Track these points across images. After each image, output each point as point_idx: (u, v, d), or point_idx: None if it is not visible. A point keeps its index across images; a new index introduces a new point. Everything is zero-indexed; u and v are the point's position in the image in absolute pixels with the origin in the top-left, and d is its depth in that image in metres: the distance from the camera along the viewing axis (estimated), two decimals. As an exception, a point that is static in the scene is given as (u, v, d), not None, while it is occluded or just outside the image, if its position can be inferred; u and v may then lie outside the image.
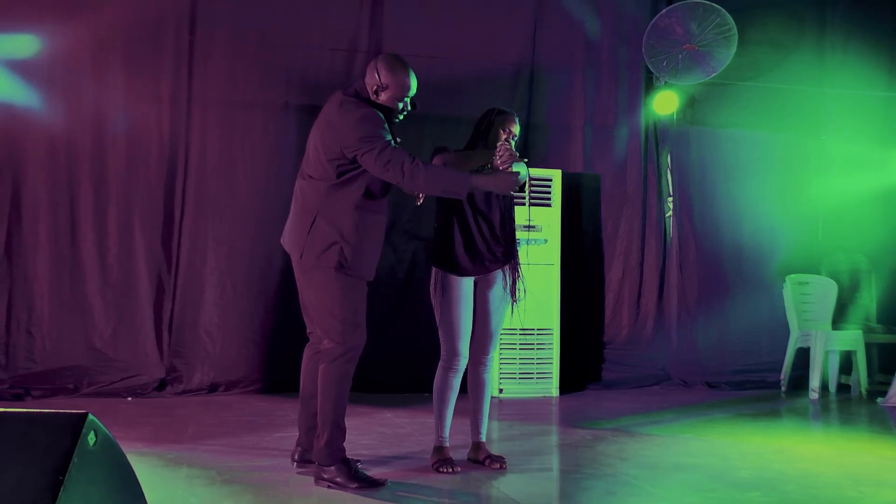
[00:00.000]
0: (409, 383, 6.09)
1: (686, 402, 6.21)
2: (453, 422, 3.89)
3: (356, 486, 3.40)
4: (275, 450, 4.14)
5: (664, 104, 6.97)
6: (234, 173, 6.12)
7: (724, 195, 7.12)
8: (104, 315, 5.83)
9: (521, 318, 4.61)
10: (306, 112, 5.97)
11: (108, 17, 5.80)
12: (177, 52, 6.02)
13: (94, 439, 1.79)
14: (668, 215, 7.04)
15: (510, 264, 3.89)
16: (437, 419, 3.86)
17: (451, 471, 3.74)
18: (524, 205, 6.03)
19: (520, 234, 5.11)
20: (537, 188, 6.28)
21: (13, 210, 5.71)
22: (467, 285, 3.82)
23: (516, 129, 3.89)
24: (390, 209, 6.19)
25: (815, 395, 6.53)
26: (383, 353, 5.99)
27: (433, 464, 3.80)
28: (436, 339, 3.86)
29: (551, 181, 6.35)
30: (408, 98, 3.55)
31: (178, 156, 6.01)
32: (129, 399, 5.67)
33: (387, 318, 6.18)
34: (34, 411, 1.83)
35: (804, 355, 6.75)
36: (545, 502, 3.42)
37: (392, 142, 3.42)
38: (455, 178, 3.47)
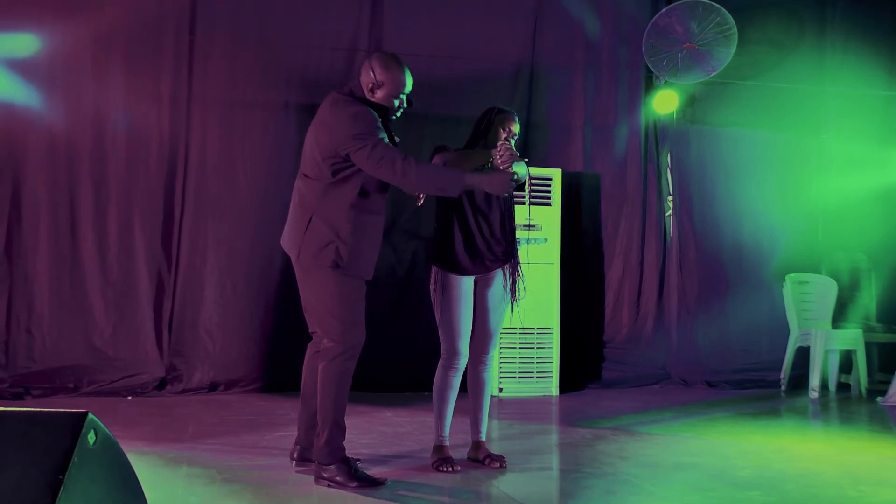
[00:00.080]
0: (409, 382, 6.09)
1: (686, 401, 6.21)
2: (453, 421, 3.89)
3: (356, 485, 3.40)
4: (275, 449, 4.14)
5: (664, 103, 6.98)
6: (234, 173, 6.12)
7: (724, 194, 7.13)
8: (104, 314, 5.83)
9: (521, 318, 4.62)
10: (306, 112, 5.96)
11: (109, 17, 5.80)
12: (177, 52, 6.03)
13: (94, 438, 1.79)
14: (668, 214, 7.04)
15: (510, 263, 3.88)
16: (436, 418, 3.86)
17: (450, 470, 3.74)
18: (524, 204, 6.04)
19: (520, 234, 5.11)
20: (537, 187, 6.28)
21: (13, 209, 5.71)
22: (467, 284, 3.82)
23: (516, 128, 3.89)
24: (390, 209, 6.22)
25: (814, 394, 6.53)
26: (383, 353, 6.00)
27: (433, 463, 3.80)
28: (436, 338, 3.86)
29: (551, 180, 6.35)
30: (403, 95, 3.55)
31: (178, 155, 6.02)
32: (129, 398, 5.67)
33: (387, 317, 6.19)
34: (34, 410, 1.83)
35: (804, 354, 6.75)
36: (545, 501, 3.42)
37: (386, 139, 3.42)
38: (448, 177, 3.46)
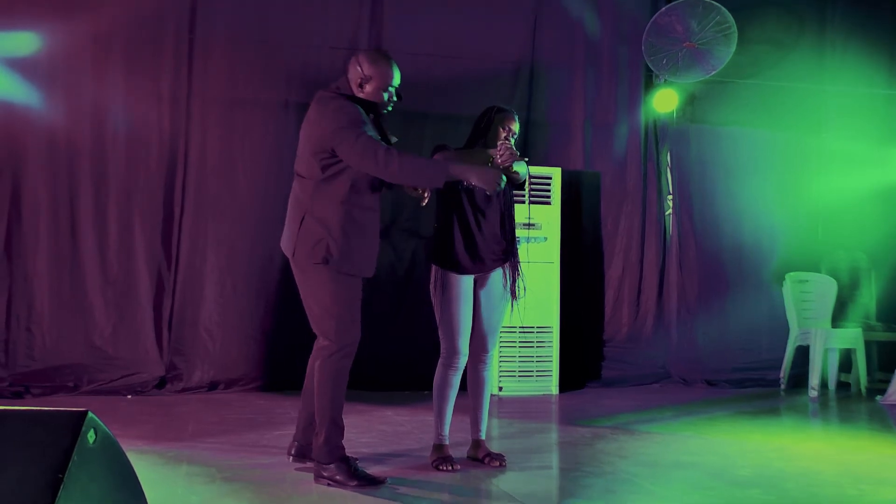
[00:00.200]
0: (408, 381, 6.09)
1: (686, 399, 6.21)
2: (453, 420, 3.89)
3: (356, 484, 3.40)
4: (275, 448, 4.13)
5: (664, 102, 6.98)
6: (234, 172, 6.12)
7: (724, 193, 7.13)
8: (104, 313, 5.83)
9: (521, 316, 4.63)
10: (306, 111, 5.93)
11: (109, 16, 5.80)
12: (177, 51, 6.02)
13: (93, 437, 1.79)
14: (667, 213, 7.04)
15: (510, 262, 3.88)
16: (436, 417, 3.86)
17: (450, 469, 3.74)
18: (524, 203, 6.04)
19: (520, 232, 5.12)
20: (537, 186, 6.28)
21: (13, 208, 5.71)
22: (467, 283, 3.82)
23: (516, 126, 3.88)
24: (390, 208, 6.26)
25: (814, 393, 6.53)
26: (383, 352, 6.00)
27: (433, 462, 3.80)
28: (435, 337, 3.86)
29: (551, 179, 6.35)
30: (392, 88, 3.55)
31: (178, 154, 6.02)
32: (129, 397, 5.67)
33: (387, 316, 6.19)
34: (34, 409, 1.83)
35: (804, 353, 6.75)
36: (545, 500, 3.42)
37: (371, 132, 3.41)
38: (431, 167, 3.47)
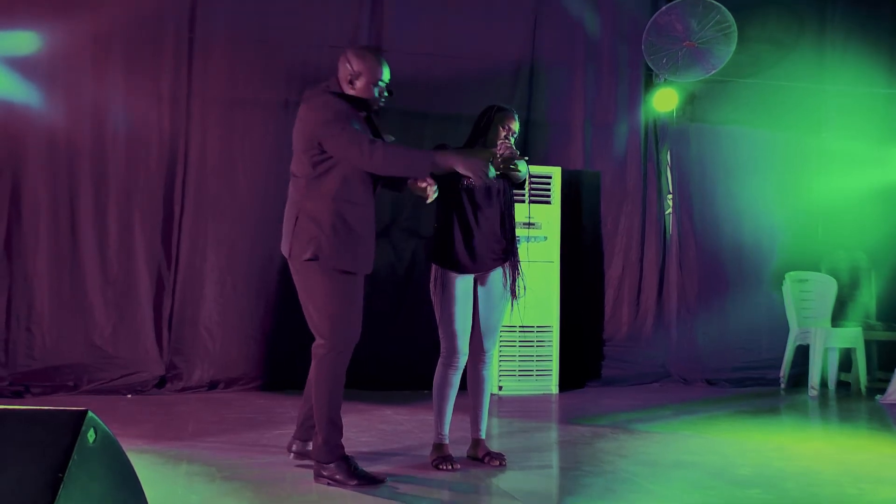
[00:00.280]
0: (408, 381, 6.09)
1: (686, 399, 6.21)
2: (453, 419, 3.89)
3: (355, 483, 3.40)
4: (275, 447, 4.13)
5: (664, 101, 6.98)
6: (234, 172, 6.12)
7: (724, 192, 7.13)
8: (104, 312, 5.83)
9: (521, 316, 4.61)
10: (305, 110, 5.96)
11: (108, 16, 5.80)
12: (177, 51, 6.03)
13: (93, 436, 1.79)
14: (667, 212, 7.04)
15: (510, 262, 3.88)
16: (436, 416, 3.86)
17: (450, 468, 3.74)
18: (524, 202, 6.04)
19: (519, 232, 5.10)
20: (537, 185, 6.28)
21: (13, 208, 5.71)
22: (467, 283, 3.82)
23: (516, 126, 3.88)
24: (390, 207, 6.26)
25: (814, 393, 6.53)
26: (383, 351, 6.00)
27: (432, 461, 3.80)
28: (435, 336, 3.86)
29: (551, 178, 6.35)
30: (382, 83, 3.55)
31: (178, 154, 6.02)
32: (129, 396, 5.67)
33: (386, 316, 6.19)
34: (34, 409, 1.83)
35: (804, 352, 6.75)
36: (544, 499, 3.42)
37: (357, 127, 3.41)
38: (416, 156, 3.48)
